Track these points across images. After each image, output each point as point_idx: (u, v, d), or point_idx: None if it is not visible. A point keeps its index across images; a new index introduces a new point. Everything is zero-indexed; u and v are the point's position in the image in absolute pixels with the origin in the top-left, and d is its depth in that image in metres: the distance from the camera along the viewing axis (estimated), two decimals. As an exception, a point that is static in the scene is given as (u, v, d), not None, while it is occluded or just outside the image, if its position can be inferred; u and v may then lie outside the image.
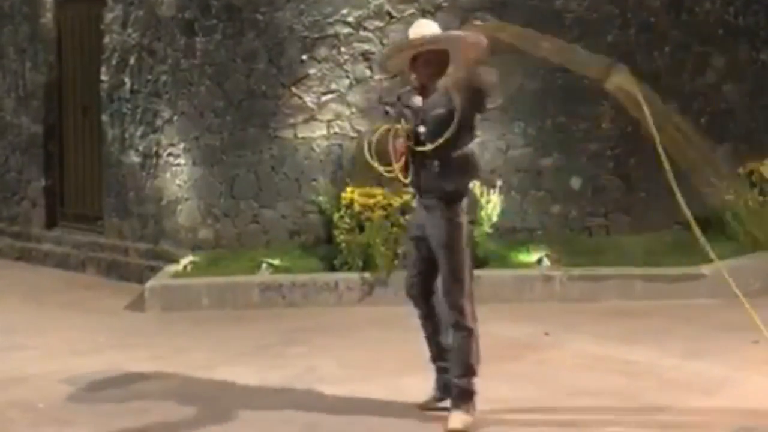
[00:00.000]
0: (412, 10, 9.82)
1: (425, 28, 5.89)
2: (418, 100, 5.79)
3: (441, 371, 5.95)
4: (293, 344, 7.70)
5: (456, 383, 5.79)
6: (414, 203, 6.18)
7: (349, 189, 9.22)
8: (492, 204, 9.41)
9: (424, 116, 5.75)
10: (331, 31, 9.84)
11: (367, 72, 9.80)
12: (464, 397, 5.76)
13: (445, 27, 9.81)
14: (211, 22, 10.22)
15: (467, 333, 5.78)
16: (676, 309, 8.46)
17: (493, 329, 7.93)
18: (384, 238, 8.88)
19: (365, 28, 9.83)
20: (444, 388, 5.92)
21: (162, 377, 7.00)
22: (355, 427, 5.85)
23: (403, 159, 5.74)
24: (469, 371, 5.78)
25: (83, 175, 11.98)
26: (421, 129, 5.75)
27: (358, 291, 9.04)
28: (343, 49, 9.82)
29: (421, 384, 6.43)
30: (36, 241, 12.23)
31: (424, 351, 7.12)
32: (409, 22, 9.80)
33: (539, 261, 9.19)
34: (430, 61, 5.76)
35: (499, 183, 9.55)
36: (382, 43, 9.78)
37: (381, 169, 5.78)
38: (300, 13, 9.93)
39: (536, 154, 9.96)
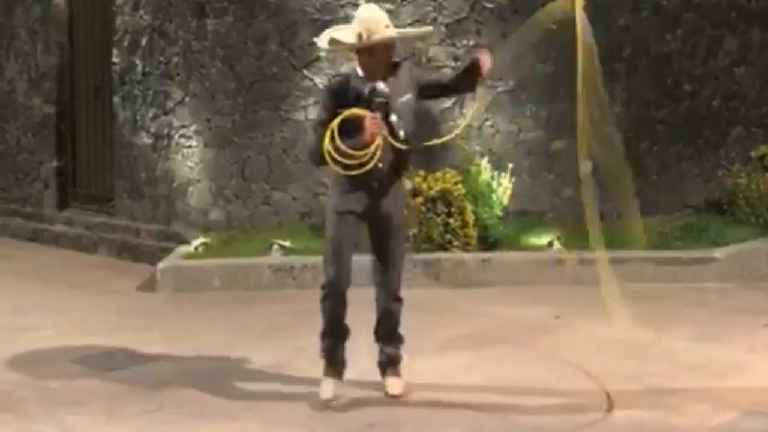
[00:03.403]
0: (423, -7, 9.80)
1: (380, 18, 5.87)
2: (382, 86, 5.75)
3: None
4: (304, 325, 7.71)
5: (398, 353, 6.11)
6: (338, 184, 5.89)
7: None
8: (503, 187, 9.41)
9: (392, 103, 5.77)
10: (341, 13, 9.82)
11: (379, 54, 9.78)
12: (399, 363, 6.11)
13: (454, 12, 9.90)
14: (222, 4, 10.21)
15: (401, 304, 6.10)
16: (687, 292, 8.46)
17: (504, 312, 7.97)
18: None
19: (376, 11, 9.80)
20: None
21: (173, 358, 7.03)
22: (364, 407, 5.88)
23: (378, 140, 5.65)
24: (402, 339, 6.13)
25: (95, 156, 12.00)
26: (393, 118, 5.78)
27: (367, 273, 9.03)
28: (354, 32, 9.80)
29: (428, 366, 6.47)
30: (48, 222, 12.26)
31: (431, 335, 7.17)
32: (418, 5, 9.83)
33: (550, 244, 9.20)
34: (390, 47, 5.86)
35: (510, 166, 9.55)
36: (394, 25, 9.75)
37: (349, 152, 5.63)
38: (311, -5, 9.93)
39: (547, 138, 9.94)
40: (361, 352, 6.29)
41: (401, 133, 5.78)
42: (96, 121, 11.94)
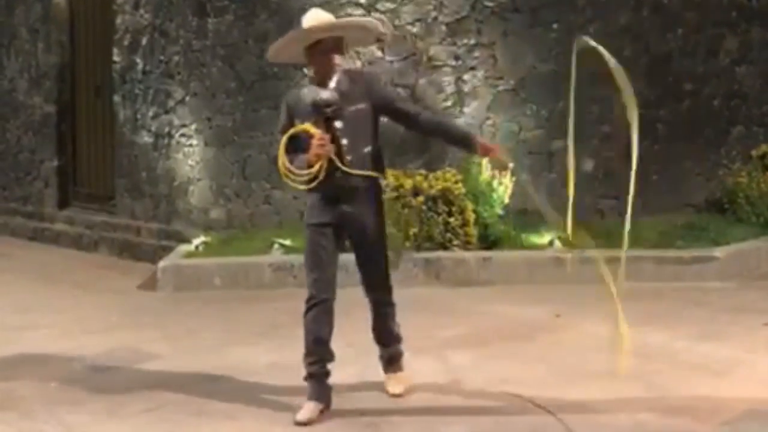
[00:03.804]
0: (424, -9, 9.80)
1: (322, 16, 5.72)
2: (327, 94, 5.57)
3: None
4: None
5: (397, 350, 6.08)
6: (310, 195, 5.79)
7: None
8: (503, 186, 9.41)
9: (342, 111, 5.60)
10: (342, 12, 9.81)
11: (379, 53, 9.79)
12: (400, 359, 6.11)
13: (454, 11, 9.88)
14: (223, 3, 10.22)
15: (394, 307, 6.04)
16: (687, 291, 8.46)
17: (505, 311, 7.97)
18: (395, 219, 8.86)
19: (377, 10, 9.82)
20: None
21: (174, 357, 7.03)
22: (364, 407, 5.88)
23: (321, 161, 5.51)
24: (400, 338, 6.09)
25: (96, 155, 12.02)
26: (338, 125, 5.60)
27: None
28: (355, 30, 9.80)
29: (428, 366, 6.46)
30: (49, 221, 12.28)
31: (431, 334, 7.17)
32: (419, 4, 9.83)
33: (550, 243, 9.19)
34: (330, 48, 5.64)
35: (510, 165, 9.54)
36: (394, 25, 9.77)
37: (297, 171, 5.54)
38: (312, -6, 9.93)
39: (548, 137, 9.94)
40: (361, 352, 6.30)
41: (344, 142, 5.60)
42: (97, 120, 11.96)
